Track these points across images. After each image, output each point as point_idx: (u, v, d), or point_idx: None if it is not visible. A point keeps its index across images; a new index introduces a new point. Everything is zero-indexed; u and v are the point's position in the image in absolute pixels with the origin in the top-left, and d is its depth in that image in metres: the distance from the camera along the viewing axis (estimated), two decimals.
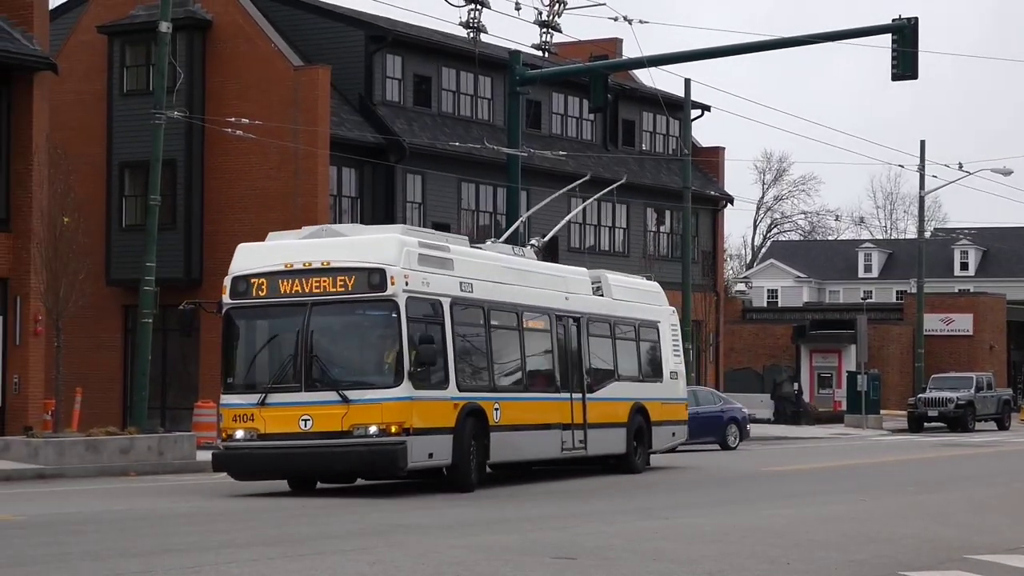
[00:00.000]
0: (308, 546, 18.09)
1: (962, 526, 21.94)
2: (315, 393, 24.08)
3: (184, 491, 24.76)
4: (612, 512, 23.73)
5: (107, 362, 44.07)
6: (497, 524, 21.09)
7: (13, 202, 36.42)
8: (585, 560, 16.67)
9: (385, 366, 24.73)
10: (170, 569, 15.66)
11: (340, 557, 16.88)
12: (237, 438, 24.26)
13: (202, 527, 20.61)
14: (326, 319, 24.99)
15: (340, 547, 17.91)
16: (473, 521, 21.16)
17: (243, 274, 24.74)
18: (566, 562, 16.28)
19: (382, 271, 23.93)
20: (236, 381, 25.11)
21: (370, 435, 23.75)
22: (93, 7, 48.03)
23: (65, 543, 18.11)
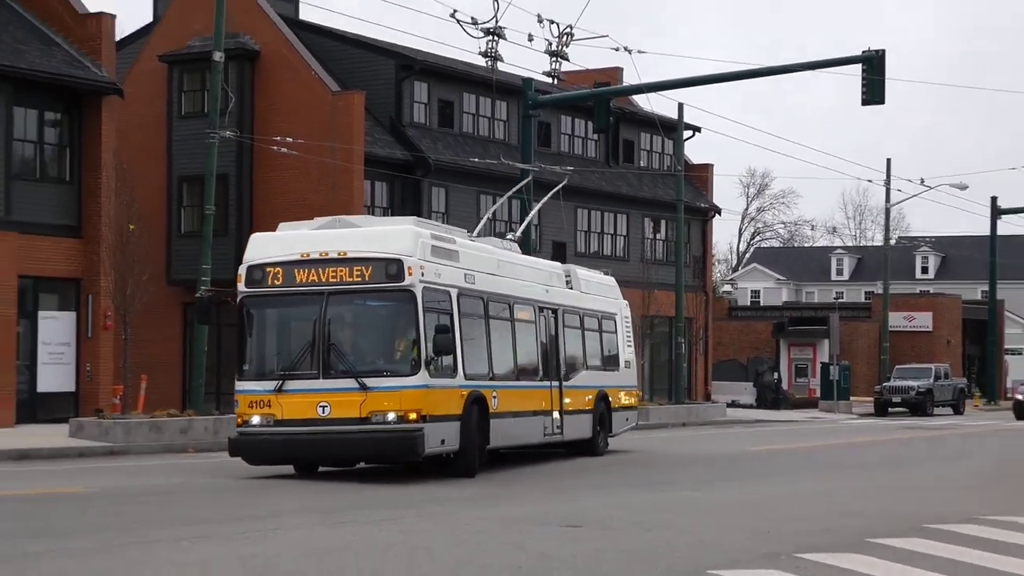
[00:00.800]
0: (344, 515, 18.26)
1: (921, 500, 21.96)
2: (332, 380, 22.08)
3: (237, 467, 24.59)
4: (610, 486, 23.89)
5: (168, 353, 44.07)
6: (506, 500, 21.21)
7: (85, 212, 36.43)
8: (591, 529, 16.71)
9: (402, 354, 22.75)
10: (224, 534, 15.71)
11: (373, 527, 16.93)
12: (253, 424, 22.19)
13: (252, 499, 20.84)
14: (343, 308, 23.12)
15: (372, 517, 18.11)
16: (486, 497, 21.26)
17: (258, 263, 22.66)
18: (574, 530, 16.34)
19: (400, 262, 22.07)
20: (252, 368, 23.01)
21: (388, 422, 21.81)
22: (154, 38, 48.08)
23: (130, 512, 18.18)
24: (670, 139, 56.66)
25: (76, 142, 36.54)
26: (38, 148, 35.95)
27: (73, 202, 36.52)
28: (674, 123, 53.32)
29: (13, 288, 34.52)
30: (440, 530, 16.66)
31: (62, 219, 36.17)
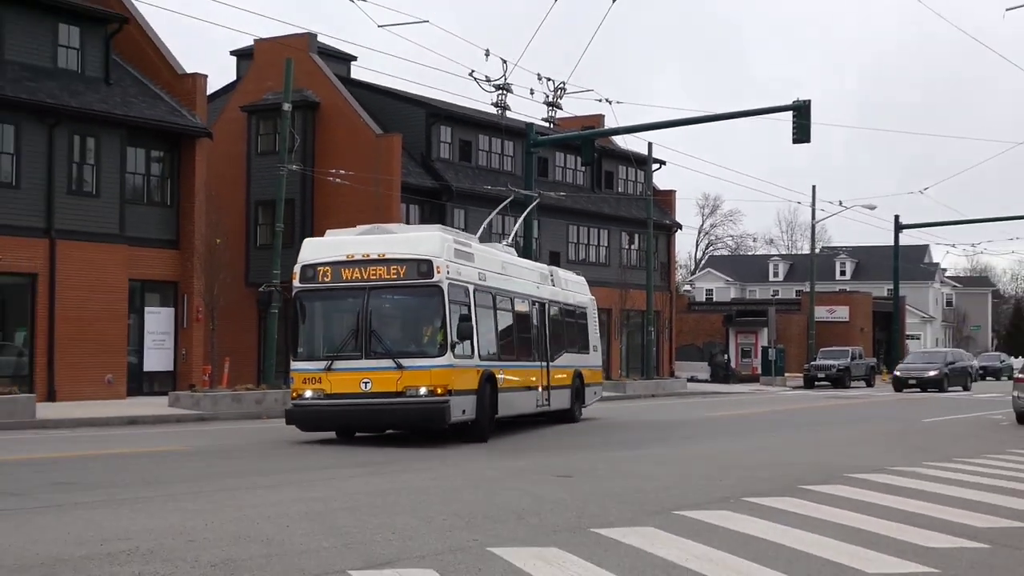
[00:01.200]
0: (384, 468, 18.43)
1: (842, 454, 21.93)
2: (374, 360, 21.43)
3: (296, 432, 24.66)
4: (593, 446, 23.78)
5: (246, 340, 44.08)
6: (512, 455, 21.24)
7: (181, 229, 36.56)
8: (579, 477, 16.72)
9: (431, 339, 22.19)
10: (291, 482, 15.78)
11: (412, 475, 16.98)
12: (306, 397, 21.65)
13: (311, 456, 20.87)
14: (382, 300, 22.58)
15: (409, 467, 18.25)
16: (497, 454, 21.30)
17: (310, 263, 22.32)
18: (566, 478, 16.34)
19: (430, 262, 21.77)
20: (305, 351, 22.31)
21: (420, 395, 21.32)
22: (237, 93, 48.19)
23: (218, 465, 18.27)
24: (642, 170, 56.77)
25: (175, 174, 36.64)
26: (145, 179, 36.04)
27: (172, 221, 36.61)
28: (644, 158, 53.50)
29: (124, 289, 34.68)
30: (464, 477, 16.76)
31: (163, 234, 36.25)
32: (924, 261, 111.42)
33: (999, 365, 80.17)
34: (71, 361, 32.90)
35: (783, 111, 36.90)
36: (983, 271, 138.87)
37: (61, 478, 16.00)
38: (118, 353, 34.43)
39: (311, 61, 46.00)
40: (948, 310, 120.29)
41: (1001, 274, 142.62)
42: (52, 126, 32.63)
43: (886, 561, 10.87)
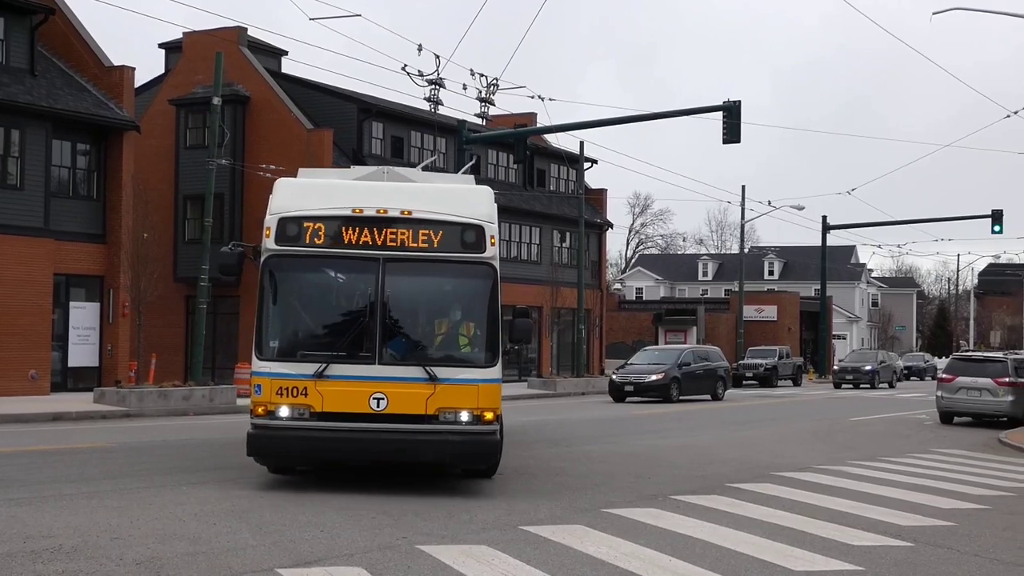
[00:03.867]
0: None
1: (770, 452, 22.15)
2: (391, 367, 14.19)
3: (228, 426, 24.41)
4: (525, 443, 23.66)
5: (173, 336, 43.78)
6: None
7: (108, 223, 36.16)
8: (509, 475, 16.72)
9: (477, 341, 14.79)
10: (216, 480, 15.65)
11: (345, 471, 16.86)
12: (281, 416, 14.02)
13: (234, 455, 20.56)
14: (405, 279, 14.81)
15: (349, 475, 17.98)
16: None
17: (294, 215, 14.50)
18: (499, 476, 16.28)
19: (480, 228, 14.47)
20: (280, 345, 14.56)
21: (461, 422, 14.15)
22: (165, 86, 47.76)
23: (143, 462, 18.07)
24: (574, 169, 56.92)
25: (102, 167, 36.25)
26: (71, 172, 35.63)
27: (99, 215, 36.20)
28: (576, 156, 53.63)
29: (49, 284, 34.29)
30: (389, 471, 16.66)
31: (90, 228, 35.85)
32: (851, 262, 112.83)
33: (923, 365, 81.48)
34: None
35: (714, 111, 37.10)
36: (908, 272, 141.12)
37: None
38: (42, 348, 34.04)
39: (241, 55, 45.76)
40: (874, 310, 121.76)
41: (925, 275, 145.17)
42: None
43: (812, 559, 11.03)
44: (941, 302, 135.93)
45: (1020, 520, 14.24)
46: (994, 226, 52.34)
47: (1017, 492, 17.09)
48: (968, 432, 29.51)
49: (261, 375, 14.19)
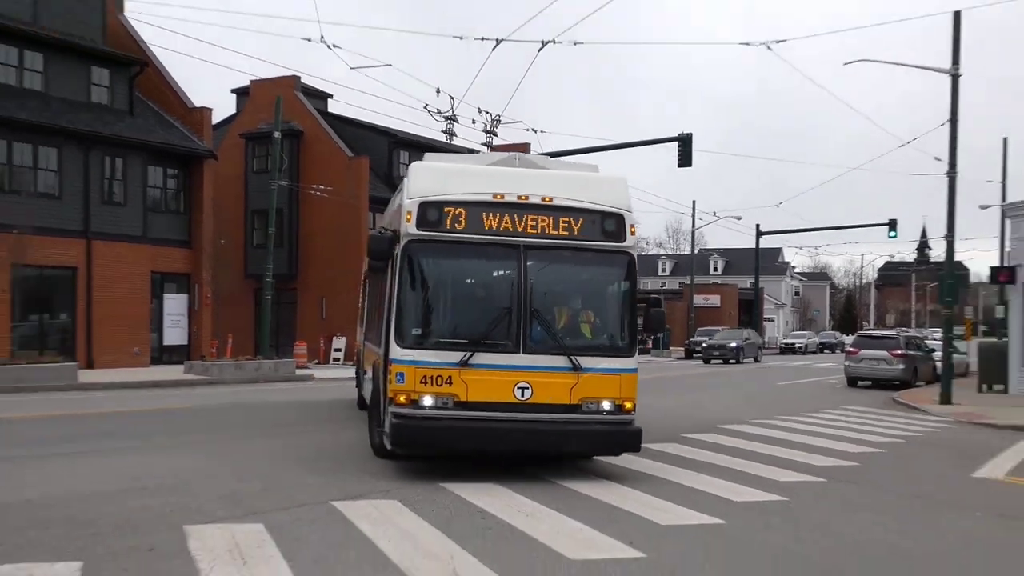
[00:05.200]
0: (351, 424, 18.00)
1: (715, 410, 22.10)
2: (536, 356, 11.47)
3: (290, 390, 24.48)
4: None
5: (244, 320, 43.71)
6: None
7: (192, 231, 36.09)
8: None
9: (616, 331, 12.12)
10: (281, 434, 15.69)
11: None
12: (424, 405, 11.25)
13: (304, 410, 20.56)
14: (545, 267, 11.92)
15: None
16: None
17: (435, 200, 11.62)
18: None
19: (621, 217, 11.84)
20: (425, 334, 11.60)
21: (603, 411, 11.59)
22: (236, 123, 47.65)
23: (224, 420, 18.09)
24: None
25: (187, 188, 36.21)
26: (163, 192, 35.54)
27: (185, 225, 36.15)
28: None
29: (147, 280, 34.29)
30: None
31: (178, 236, 35.81)
32: (778, 260, 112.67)
33: (835, 341, 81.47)
34: (105, 337, 32.58)
35: (671, 141, 37.16)
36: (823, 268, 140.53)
37: (103, 430, 15.86)
38: (143, 330, 34.10)
39: (296, 98, 45.69)
40: (796, 299, 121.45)
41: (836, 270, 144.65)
42: (87, 149, 32.21)
43: (750, 492, 11.13)
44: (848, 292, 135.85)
45: (906, 460, 14.36)
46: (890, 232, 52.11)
47: (905, 439, 17.21)
48: (869, 393, 29.62)
49: (404, 363, 11.13)
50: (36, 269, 30.10)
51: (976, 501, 11.06)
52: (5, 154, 30.29)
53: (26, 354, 28.73)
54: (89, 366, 31.43)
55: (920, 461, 14.39)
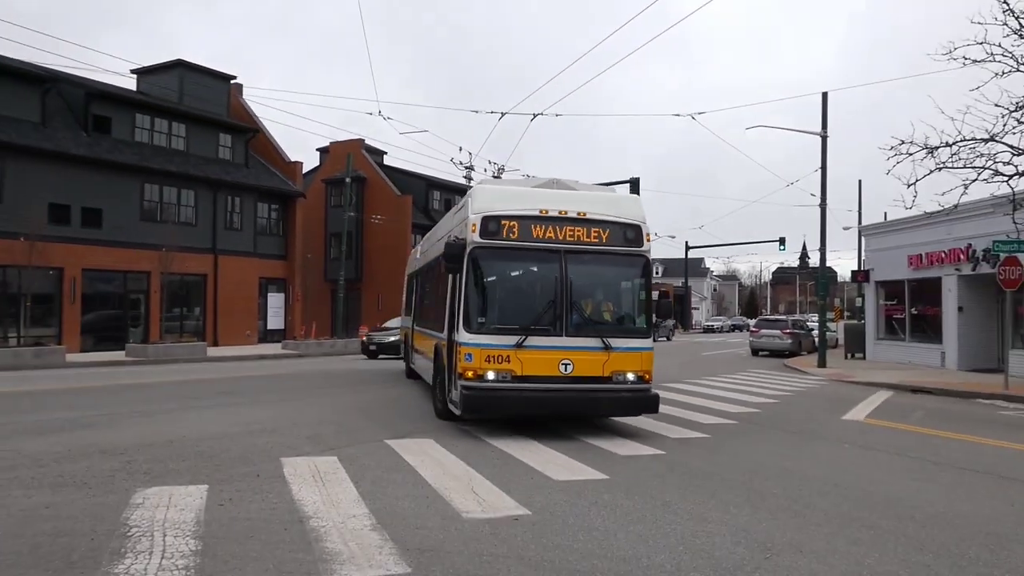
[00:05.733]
0: (397, 385, 17.75)
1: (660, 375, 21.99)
2: (575, 339, 10.65)
3: (355, 360, 24.40)
4: None
5: (324, 312, 43.51)
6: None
7: (288, 248, 36.01)
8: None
9: (637, 318, 11.29)
10: (349, 392, 15.57)
11: (404, 387, 16.65)
12: (489, 379, 10.39)
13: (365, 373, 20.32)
14: (581, 267, 11.17)
15: (404, 383, 17.58)
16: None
17: (495, 214, 10.93)
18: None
19: (639, 228, 11.25)
20: (488, 321, 10.71)
21: (629, 382, 10.72)
22: (319, 173, 47.53)
23: (309, 382, 17.92)
24: None
25: (284, 218, 36.09)
26: (268, 220, 35.45)
27: (283, 244, 36.03)
28: None
29: (256, 283, 34.21)
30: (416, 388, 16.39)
31: (278, 252, 35.70)
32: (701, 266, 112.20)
33: (742, 324, 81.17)
34: (226, 323, 32.51)
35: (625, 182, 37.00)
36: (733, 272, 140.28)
37: (223, 390, 15.78)
38: (253, 319, 34.01)
39: (362, 154, 45.51)
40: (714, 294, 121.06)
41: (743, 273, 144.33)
42: (216, 191, 32.16)
43: (683, 431, 11.02)
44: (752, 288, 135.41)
45: (794, 408, 14.22)
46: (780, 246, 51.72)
47: (793, 393, 17.07)
48: (767, 360, 29.45)
49: (472, 345, 10.13)
50: (178, 276, 30.04)
51: (844, 436, 10.96)
52: (159, 194, 30.31)
53: (171, 336, 28.67)
54: (215, 344, 31.36)
55: (804, 408, 14.27)
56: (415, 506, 6.49)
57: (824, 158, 24.97)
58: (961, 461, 9.17)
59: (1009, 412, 14.44)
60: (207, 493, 6.80)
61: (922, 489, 7.63)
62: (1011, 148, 16.47)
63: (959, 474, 8.43)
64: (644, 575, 5.03)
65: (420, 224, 45.52)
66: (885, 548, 5.70)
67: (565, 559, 5.28)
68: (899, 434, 11.27)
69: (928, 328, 25.69)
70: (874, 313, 28.57)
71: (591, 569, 5.10)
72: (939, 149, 16.98)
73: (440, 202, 48.87)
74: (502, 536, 5.74)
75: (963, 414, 13.83)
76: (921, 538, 5.97)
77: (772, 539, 5.82)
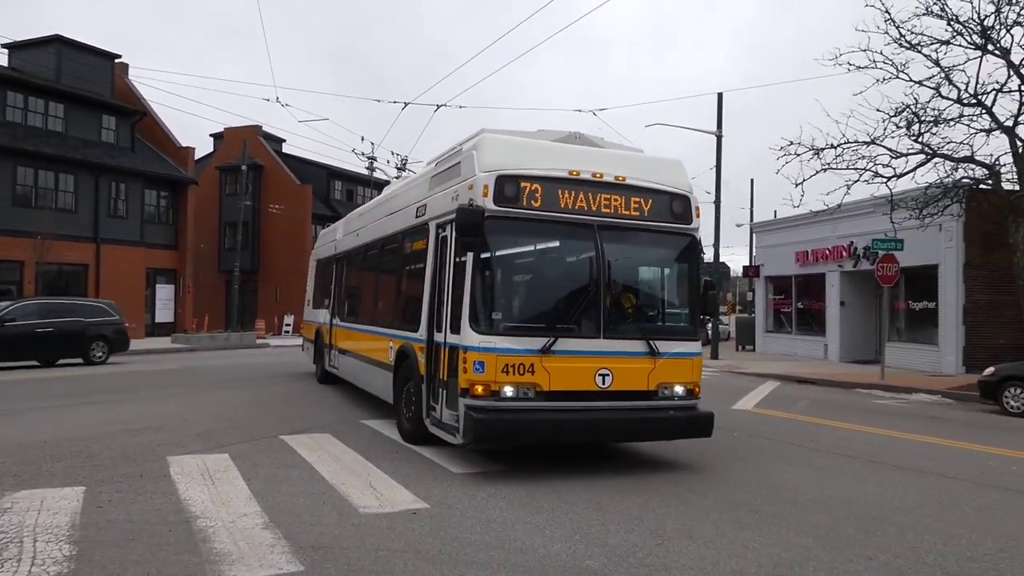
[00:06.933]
0: (299, 380, 17.43)
1: None
2: (616, 341, 7.54)
3: (251, 355, 23.67)
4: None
5: (217, 304, 42.13)
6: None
7: (178, 238, 34.57)
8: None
9: (684, 314, 8.30)
10: (242, 387, 15.12)
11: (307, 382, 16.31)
12: (506, 396, 7.12)
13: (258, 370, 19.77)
14: (621, 248, 7.86)
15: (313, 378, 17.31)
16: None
17: (513, 173, 7.41)
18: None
19: (686, 199, 8.19)
20: (505, 319, 7.31)
21: (677, 396, 7.82)
22: (213, 160, 45.92)
23: (201, 377, 17.35)
24: None
25: (175, 205, 34.58)
26: (156, 208, 33.90)
27: (173, 233, 34.54)
28: None
29: (143, 274, 32.71)
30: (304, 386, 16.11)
31: (168, 241, 34.23)
32: None
33: None
34: None
35: None
36: None
37: (104, 386, 15.02)
38: (140, 311, 32.49)
39: (259, 141, 44.20)
40: None
41: None
42: (98, 176, 30.51)
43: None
44: None
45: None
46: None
47: None
48: None
49: (483, 351, 7.19)
50: (55, 266, 28.39)
51: (735, 424, 11.39)
52: (33, 178, 28.50)
53: None
54: None
55: None
56: (310, 503, 6.35)
57: (719, 157, 25.85)
58: (836, 447, 9.72)
59: (884, 401, 15.39)
60: (84, 495, 6.46)
61: (802, 475, 8.04)
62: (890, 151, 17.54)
63: (834, 459, 8.93)
64: (540, 564, 5.10)
65: (321, 214, 44.59)
66: (768, 531, 5.97)
67: (462, 551, 5.29)
68: (784, 422, 11.83)
69: (813, 321, 27.08)
70: (764, 307, 29.86)
71: (488, 560, 5.13)
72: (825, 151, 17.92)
73: (342, 192, 48.03)
74: (399, 530, 5.69)
75: (843, 403, 14.63)
76: (801, 521, 6.29)
77: (663, 526, 6.01)
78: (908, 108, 17.08)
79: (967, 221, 20.37)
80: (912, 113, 17.02)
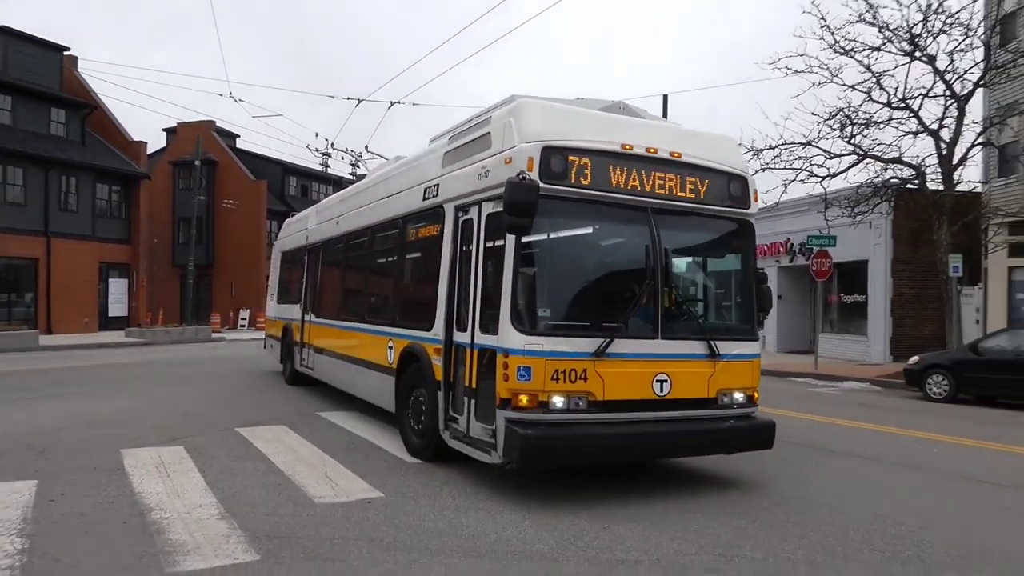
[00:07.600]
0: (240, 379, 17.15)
1: None
2: (675, 342, 6.13)
3: (205, 348, 23.21)
4: None
5: (172, 298, 41.16)
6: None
7: (131, 232, 33.71)
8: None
9: (744, 310, 6.89)
10: (199, 381, 14.87)
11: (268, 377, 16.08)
12: (556, 407, 5.68)
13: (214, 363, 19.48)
14: (678, 236, 6.38)
15: (272, 375, 17.07)
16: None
17: (559, 146, 5.85)
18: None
19: (744, 180, 6.66)
20: (555, 317, 5.79)
21: (737, 403, 6.47)
22: (166, 154, 44.68)
23: (155, 371, 17.02)
24: None
25: (127, 200, 33.68)
26: (109, 202, 32.96)
27: (126, 227, 33.64)
28: None
29: (95, 268, 31.77)
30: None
31: (120, 235, 33.33)
32: None
33: None
34: (62, 310, 30.04)
35: None
36: None
37: (57, 380, 14.61)
38: (92, 305, 31.62)
39: (212, 136, 43.27)
40: None
41: None
42: (48, 170, 29.54)
43: None
44: None
45: None
46: None
47: None
48: None
49: (530, 354, 5.85)
50: (3, 259, 27.49)
51: None
52: None
53: None
54: (48, 332, 28.98)
55: None
56: (266, 494, 6.30)
57: None
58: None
59: (817, 389, 15.84)
60: (36, 488, 6.30)
61: (742, 460, 8.25)
62: (824, 152, 18.02)
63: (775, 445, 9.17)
64: (491, 549, 5.15)
65: (276, 210, 43.91)
66: (708, 513, 6.12)
67: (416, 538, 5.32)
68: None
69: None
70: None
71: (441, 547, 5.17)
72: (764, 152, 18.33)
73: (297, 188, 47.38)
74: (354, 519, 5.69)
75: (778, 391, 15.02)
76: (740, 503, 6.46)
77: (610, 511, 6.11)
78: (842, 111, 17.57)
79: (895, 219, 21.05)
80: (845, 116, 17.50)
